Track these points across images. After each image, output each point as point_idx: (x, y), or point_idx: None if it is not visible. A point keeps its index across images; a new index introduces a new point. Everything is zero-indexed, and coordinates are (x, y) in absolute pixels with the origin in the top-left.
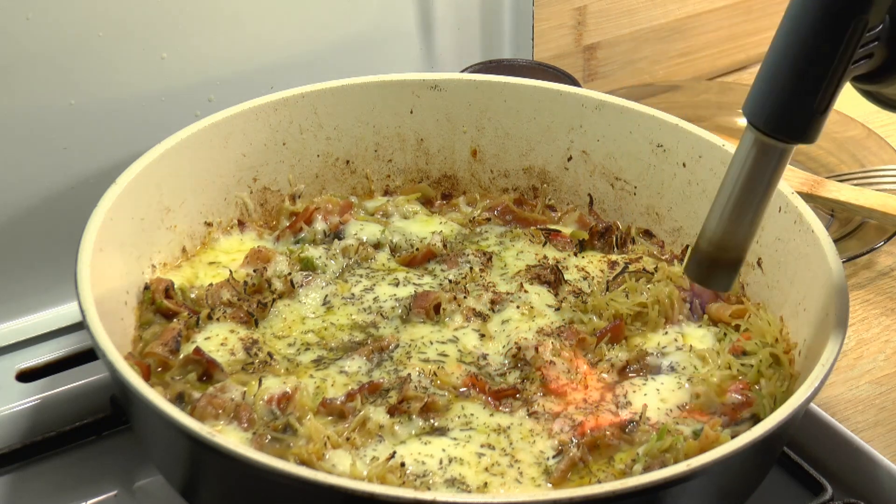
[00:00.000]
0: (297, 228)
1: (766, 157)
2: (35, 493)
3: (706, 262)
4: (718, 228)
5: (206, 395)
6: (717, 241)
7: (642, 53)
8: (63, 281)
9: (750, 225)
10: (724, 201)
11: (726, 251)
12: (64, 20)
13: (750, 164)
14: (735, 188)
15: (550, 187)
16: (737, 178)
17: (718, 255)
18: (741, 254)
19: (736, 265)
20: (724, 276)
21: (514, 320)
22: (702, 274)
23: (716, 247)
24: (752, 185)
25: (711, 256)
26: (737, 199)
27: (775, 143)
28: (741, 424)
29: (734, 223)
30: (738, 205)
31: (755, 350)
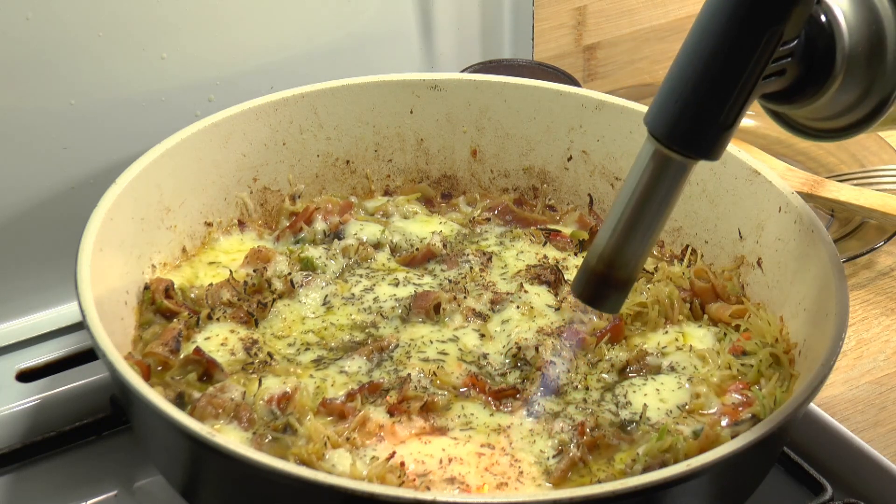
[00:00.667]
0: (297, 228)
1: (665, 171)
2: (35, 493)
3: (595, 281)
4: (609, 244)
5: (206, 395)
6: (608, 258)
7: (642, 53)
8: (63, 281)
9: (642, 242)
10: (617, 215)
11: (616, 269)
12: (64, 20)
13: (647, 178)
14: (629, 202)
15: (550, 187)
16: (632, 192)
17: (608, 273)
18: (632, 273)
19: (626, 285)
20: (614, 297)
21: (514, 320)
22: (590, 293)
23: (606, 264)
24: (648, 199)
25: (601, 274)
26: (630, 214)
27: (675, 156)
28: (741, 424)
29: (626, 239)
30: (631, 220)
31: (755, 350)
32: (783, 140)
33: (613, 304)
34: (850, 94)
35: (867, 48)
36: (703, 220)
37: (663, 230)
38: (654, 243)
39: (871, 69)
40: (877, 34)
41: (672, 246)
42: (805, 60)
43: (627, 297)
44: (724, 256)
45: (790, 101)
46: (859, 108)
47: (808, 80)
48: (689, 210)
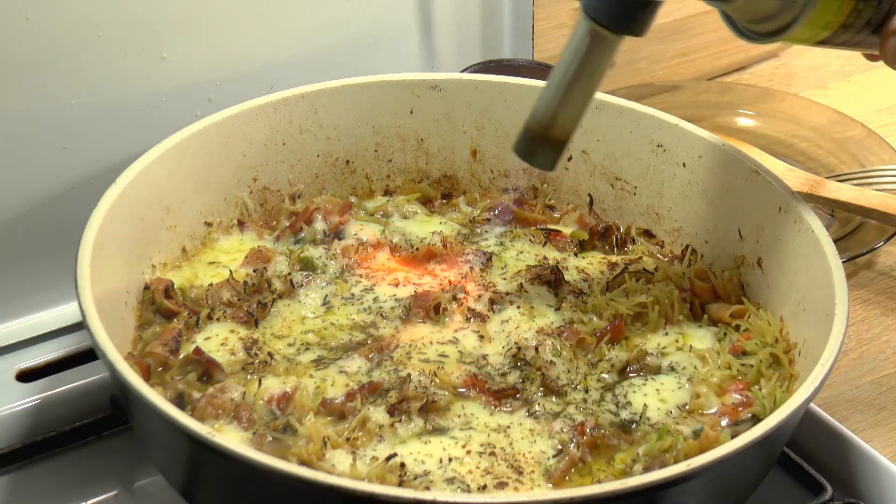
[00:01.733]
0: (297, 228)
1: (595, 46)
2: (35, 493)
3: (533, 140)
4: (548, 109)
5: (206, 395)
6: (545, 121)
7: (642, 53)
8: (63, 281)
9: (575, 108)
10: (554, 85)
11: (552, 130)
12: (64, 20)
13: (582, 53)
14: (566, 73)
15: (550, 187)
16: (568, 64)
17: (545, 133)
18: (565, 136)
19: (560, 145)
20: (548, 155)
21: (514, 320)
22: (527, 150)
23: (543, 126)
24: (582, 71)
25: (538, 135)
26: (567, 84)
27: (604, 32)
28: (741, 424)
29: (562, 105)
30: (567, 89)
31: (755, 350)
32: (783, 140)
33: (546, 160)
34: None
35: None
36: (703, 220)
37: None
38: (584, 109)
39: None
40: None
41: (672, 246)
42: None
43: (560, 157)
44: (724, 256)
45: None
46: (781, 15)
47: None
48: (689, 210)
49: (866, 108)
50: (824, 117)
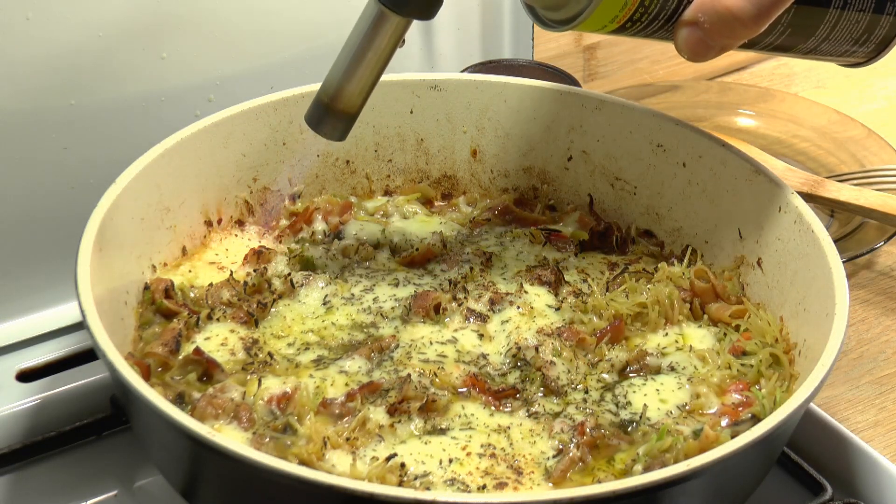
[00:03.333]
0: (297, 228)
1: (381, 24)
2: (35, 493)
3: (321, 110)
4: (335, 81)
5: (206, 395)
6: (332, 93)
7: (642, 53)
8: (63, 281)
9: (361, 83)
10: (343, 58)
11: (339, 102)
12: (64, 20)
13: (368, 29)
14: (354, 48)
15: (550, 187)
16: (356, 39)
17: (332, 105)
18: (351, 108)
19: (347, 118)
20: (335, 126)
21: (513, 320)
22: (315, 119)
23: (330, 97)
24: (368, 47)
25: (326, 105)
26: (353, 58)
27: (390, 12)
28: (741, 424)
29: (348, 78)
30: (353, 62)
31: (755, 350)
32: (783, 140)
33: (334, 130)
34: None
35: None
36: (703, 220)
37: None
38: (370, 84)
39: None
40: None
41: (672, 246)
42: None
43: (349, 129)
44: (724, 256)
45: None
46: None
47: None
48: (689, 210)
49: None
50: (824, 117)
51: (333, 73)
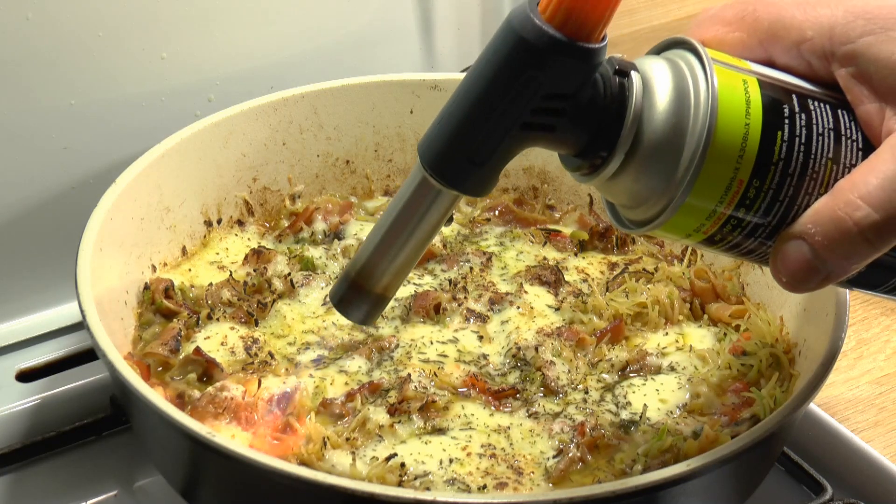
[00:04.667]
0: (297, 228)
1: (424, 194)
2: (35, 493)
3: (347, 286)
4: (366, 256)
5: (206, 395)
6: (362, 269)
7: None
8: (63, 281)
9: (397, 262)
10: (379, 231)
11: (370, 281)
12: (64, 20)
13: (408, 196)
14: (392, 221)
15: (550, 187)
16: (396, 212)
17: (361, 283)
18: (382, 291)
19: (377, 300)
20: (361, 308)
21: (513, 320)
22: (339, 296)
23: (359, 274)
24: (405, 218)
25: (353, 282)
26: (391, 233)
27: (434, 183)
28: (741, 424)
29: (383, 255)
30: (387, 235)
31: (755, 350)
32: None
33: (359, 312)
34: (638, 184)
35: (660, 138)
36: None
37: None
38: (409, 264)
39: (659, 164)
40: (675, 128)
41: (672, 246)
42: (587, 125)
43: (377, 313)
44: (724, 256)
45: (580, 169)
46: (645, 206)
47: (593, 152)
48: None
49: None
50: None
51: (367, 247)
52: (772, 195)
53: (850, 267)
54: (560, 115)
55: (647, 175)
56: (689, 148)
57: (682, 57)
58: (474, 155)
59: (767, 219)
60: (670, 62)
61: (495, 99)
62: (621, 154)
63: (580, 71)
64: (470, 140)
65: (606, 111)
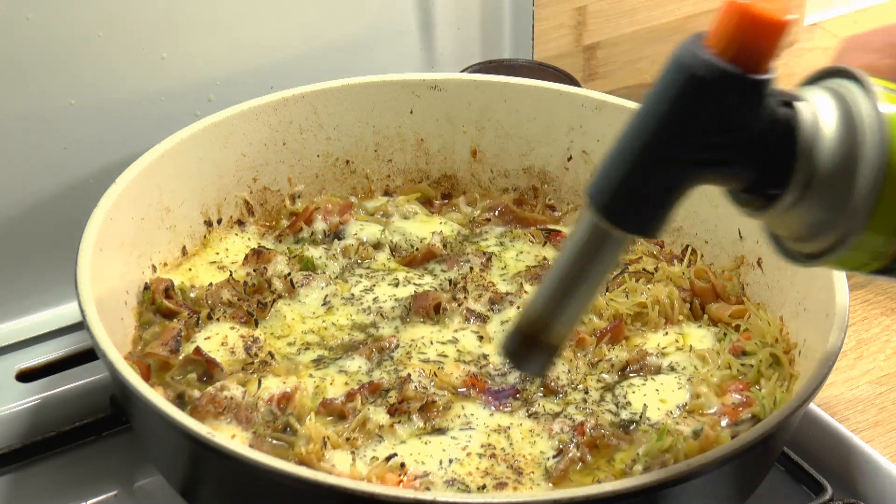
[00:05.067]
0: (297, 228)
1: (598, 240)
2: (35, 493)
3: (525, 343)
4: (544, 311)
5: (207, 395)
6: (540, 324)
7: (642, 53)
8: (63, 281)
9: (574, 311)
10: (552, 284)
11: (546, 334)
12: (64, 20)
13: (581, 245)
14: (567, 272)
15: (550, 187)
16: (569, 262)
17: (538, 337)
18: (560, 340)
19: (553, 350)
20: (539, 360)
21: (513, 320)
22: (517, 353)
23: (537, 329)
24: (579, 267)
25: (531, 338)
26: (561, 280)
27: (609, 228)
28: (741, 424)
29: (560, 307)
30: (561, 286)
31: (755, 350)
32: None
33: (536, 365)
34: (811, 215)
35: (832, 169)
36: (703, 220)
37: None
38: (583, 312)
39: (833, 195)
40: (847, 157)
41: (672, 246)
42: (758, 159)
43: (552, 362)
44: (724, 256)
45: (752, 206)
46: (819, 238)
47: (765, 186)
48: (690, 210)
49: None
50: None
51: (540, 302)
52: None
53: None
54: (731, 150)
55: (819, 207)
56: (864, 176)
57: (840, 85)
58: (649, 198)
59: None
60: (830, 91)
61: (668, 139)
62: (796, 188)
63: (752, 104)
64: (643, 184)
65: (776, 144)
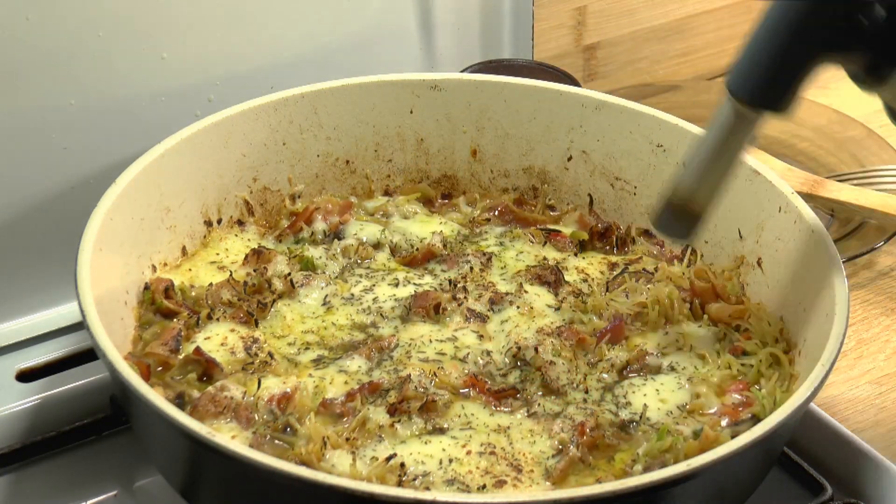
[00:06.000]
0: (297, 228)
1: (737, 123)
2: (35, 493)
3: (674, 214)
4: (690, 185)
5: (206, 395)
6: (687, 196)
7: (642, 53)
8: (63, 281)
9: (716, 183)
10: (697, 162)
11: (692, 205)
12: (64, 20)
13: (726, 131)
14: (710, 152)
15: (550, 187)
16: (712, 143)
17: (685, 207)
18: (703, 209)
19: (698, 218)
20: (686, 227)
21: (513, 320)
22: (667, 224)
23: (685, 201)
24: (724, 150)
25: (679, 209)
26: (709, 162)
27: (746, 110)
28: (741, 424)
29: (703, 181)
30: (709, 166)
31: (755, 350)
32: (783, 140)
33: (683, 230)
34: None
35: None
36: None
37: None
38: (723, 184)
39: None
40: None
41: (672, 246)
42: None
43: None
44: (724, 256)
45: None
46: None
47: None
48: None
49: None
50: (824, 117)
51: (687, 178)
52: None
53: None
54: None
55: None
56: None
57: None
58: (786, 79)
59: None
60: None
61: (803, 24)
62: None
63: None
64: (781, 66)
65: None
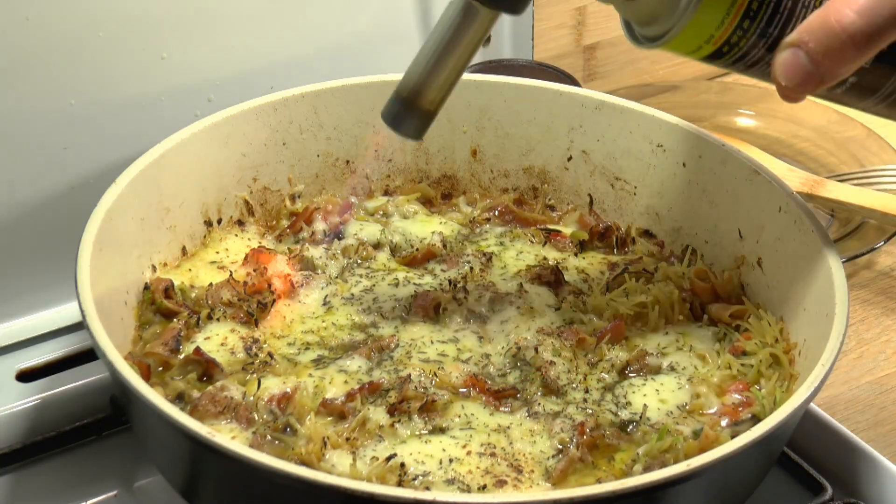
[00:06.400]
0: (297, 228)
1: (468, 18)
2: (35, 493)
3: (400, 107)
4: (418, 77)
5: (206, 395)
6: (414, 89)
7: (642, 53)
8: (63, 281)
9: (444, 79)
10: (426, 54)
11: (420, 99)
12: (64, 20)
13: (455, 24)
14: (438, 44)
15: (550, 187)
16: (441, 35)
17: (413, 102)
18: (432, 106)
19: (427, 115)
20: (414, 124)
21: (513, 320)
22: (395, 116)
23: (411, 94)
24: (453, 43)
25: (405, 102)
26: (438, 54)
27: (477, 4)
28: (741, 424)
29: (431, 75)
30: (438, 59)
31: (755, 350)
32: (783, 140)
33: (412, 128)
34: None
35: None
36: (703, 220)
37: (663, 230)
38: (453, 81)
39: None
40: None
41: (672, 246)
42: None
43: (427, 128)
44: (724, 256)
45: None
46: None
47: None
48: (689, 210)
49: None
50: (824, 117)
51: (415, 69)
52: (773, 7)
53: (840, 70)
54: None
55: None
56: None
57: None
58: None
59: (770, 30)
60: None
61: None
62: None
63: None
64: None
65: None
